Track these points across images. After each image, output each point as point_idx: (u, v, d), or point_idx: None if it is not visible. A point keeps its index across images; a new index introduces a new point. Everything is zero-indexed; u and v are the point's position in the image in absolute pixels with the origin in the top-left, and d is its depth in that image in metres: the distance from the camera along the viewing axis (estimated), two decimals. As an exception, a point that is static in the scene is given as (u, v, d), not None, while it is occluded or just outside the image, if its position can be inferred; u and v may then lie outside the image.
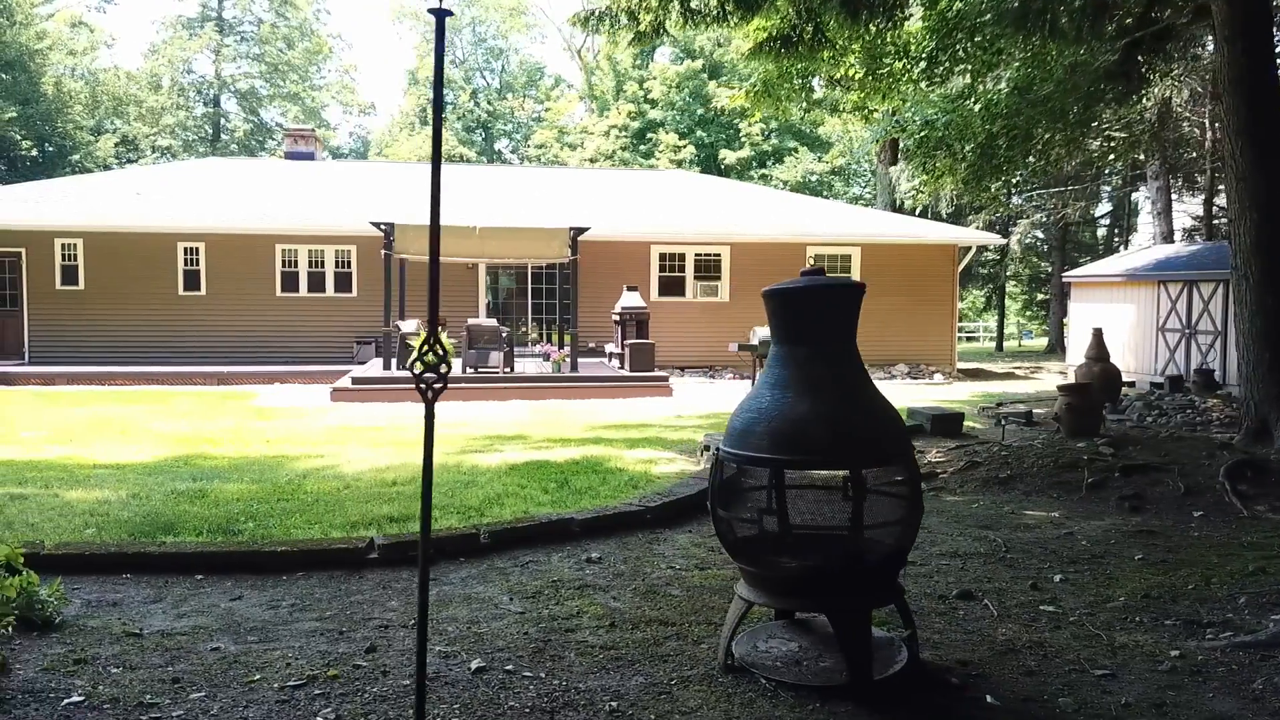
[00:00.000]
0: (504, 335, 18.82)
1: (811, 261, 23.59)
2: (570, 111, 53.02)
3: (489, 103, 53.21)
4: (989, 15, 13.39)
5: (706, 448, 8.87)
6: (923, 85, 15.32)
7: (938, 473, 8.31)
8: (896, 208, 31.56)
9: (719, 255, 23.27)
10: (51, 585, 4.49)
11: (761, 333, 19.16)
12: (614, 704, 3.58)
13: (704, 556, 5.74)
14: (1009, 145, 15.53)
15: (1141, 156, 24.38)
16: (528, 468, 8.36)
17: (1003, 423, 12.63)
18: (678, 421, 12.57)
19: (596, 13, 10.68)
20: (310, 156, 27.46)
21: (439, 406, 11.80)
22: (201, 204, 22.53)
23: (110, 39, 46.78)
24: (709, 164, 46.89)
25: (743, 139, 45.65)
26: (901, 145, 19.48)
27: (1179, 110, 23.45)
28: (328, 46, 52.14)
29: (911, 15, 12.28)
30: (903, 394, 18.00)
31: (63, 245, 21.21)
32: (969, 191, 17.38)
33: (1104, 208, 38.20)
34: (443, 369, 2.90)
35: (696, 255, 23.26)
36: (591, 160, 45.84)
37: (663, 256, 23.15)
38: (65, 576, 4.86)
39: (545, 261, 19.96)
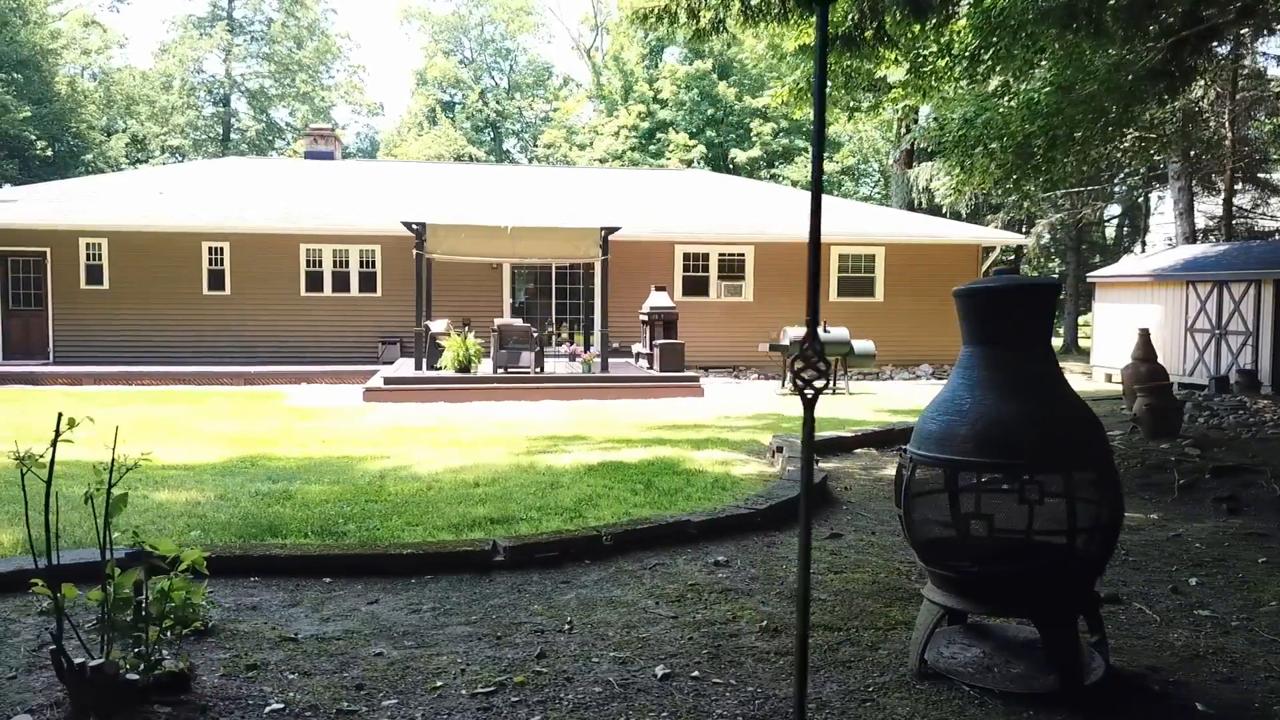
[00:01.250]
0: (535, 335, 18.75)
1: (837, 262, 23.57)
2: (578, 111, 52.94)
3: (498, 102, 53.09)
4: (1031, 14, 13.33)
5: (779, 449, 8.79)
6: (963, 84, 15.30)
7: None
8: (913, 208, 31.52)
9: (743, 255, 23.22)
10: (199, 589, 4.41)
11: (793, 333, 19.13)
12: (822, 713, 3.50)
13: (830, 560, 5.67)
14: (1049, 144, 15.50)
15: (1158, 156, 24.37)
16: (604, 469, 8.27)
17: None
18: (728, 422, 12.49)
19: (656, 10, 10.58)
20: (330, 156, 27.34)
21: (470, 405, 11.91)
22: (225, 203, 22.41)
23: (123, 38, 46.54)
24: (719, 164, 46.82)
25: (753, 139, 45.60)
26: (938, 144, 19.42)
27: (1204, 109, 23.45)
28: (336, 46, 51.99)
29: (958, 14, 12.23)
30: (929, 396, 17.97)
31: (88, 245, 21.06)
32: (1004, 192, 17.38)
33: (1114, 208, 38.22)
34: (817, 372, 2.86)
35: (720, 255, 23.21)
36: (601, 160, 45.77)
37: (686, 256, 23.10)
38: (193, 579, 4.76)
39: (576, 261, 19.85)
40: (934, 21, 10.58)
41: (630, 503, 6.87)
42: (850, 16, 10.41)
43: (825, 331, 19.04)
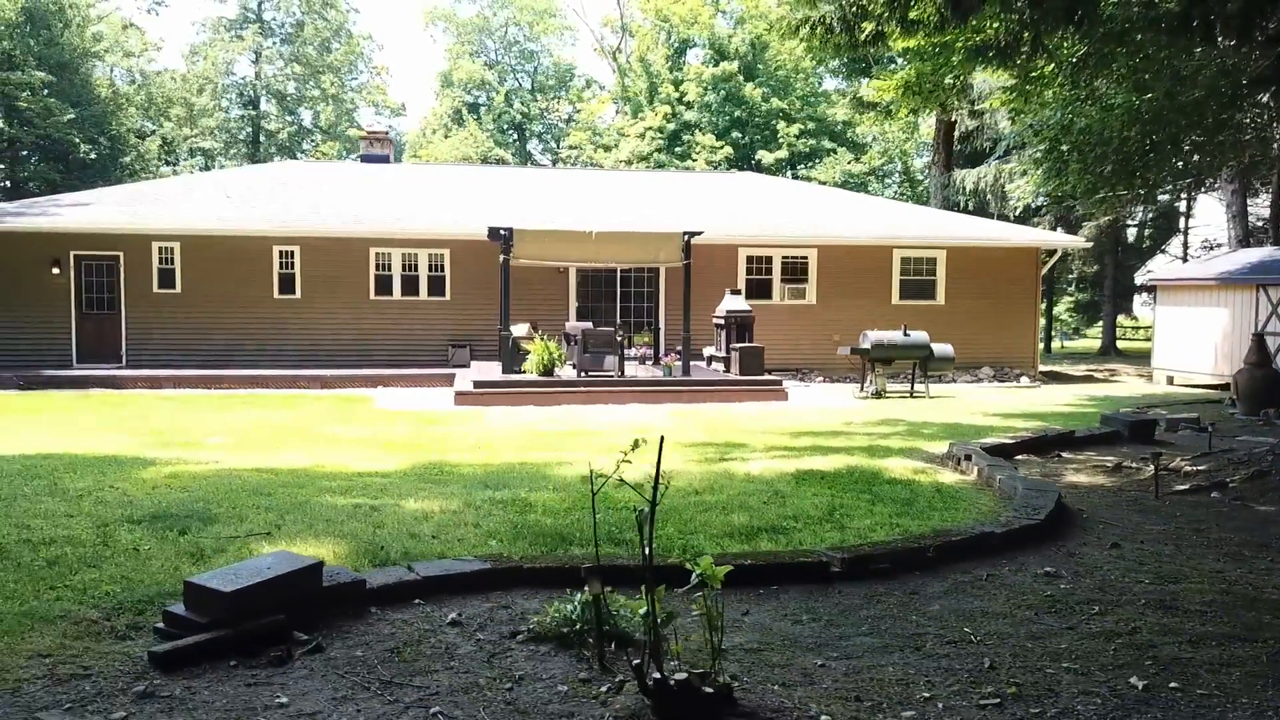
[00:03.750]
0: (619, 340, 18.84)
1: (899, 264, 23.67)
2: (602, 113, 53.04)
3: (523, 104, 53.16)
4: (1141, 21, 13.47)
5: (966, 457, 8.90)
6: (1065, 91, 15.43)
7: (1226, 482, 8.37)
8: (957, 210, 31.66)
9: (806, 258, 23.33)
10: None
11: (873, 336, 19.25)
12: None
13: (1155, 568, 5.76)
14: (1152, 150, 15.67)
15: (1245, 160, 24.54)
16: (808, 478, 8.34)
17: (1178, 429, 12.68)
18: (850, 428, 12.54)
19: (810, 21, 10.70)
20: (386, 159, 27.38)
21: (563, 409, 12.07)
22: (294, 208, 22.45)
23: (160, 41, 46.47)
24: (745, 165, 46.96)
25: (779, 140, 45.74)
26: (1030, 150, 19.59)
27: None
28: (360, 49, 51.98)
29: (1102, 22, 12.35)
30: (1008, 399, 18.07)
31: (160, 248, 21.09)
32: (1094, 197, 17.54)
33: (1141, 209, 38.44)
34: None
35: (783, 258, 23.32)
36: (627, 162, 45.87)
37: (750, 259, 23.20)
38: (550, 590, 4.85)
39: (658, 265, 19.92)
40: (1085, 30, 10.68)
41: (878, 513, 6.93)
42: (1004, 29, 10.55)
43: (906, 335, 19.18)
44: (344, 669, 3.92)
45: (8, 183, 35.07)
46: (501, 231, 18.03)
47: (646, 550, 3.82)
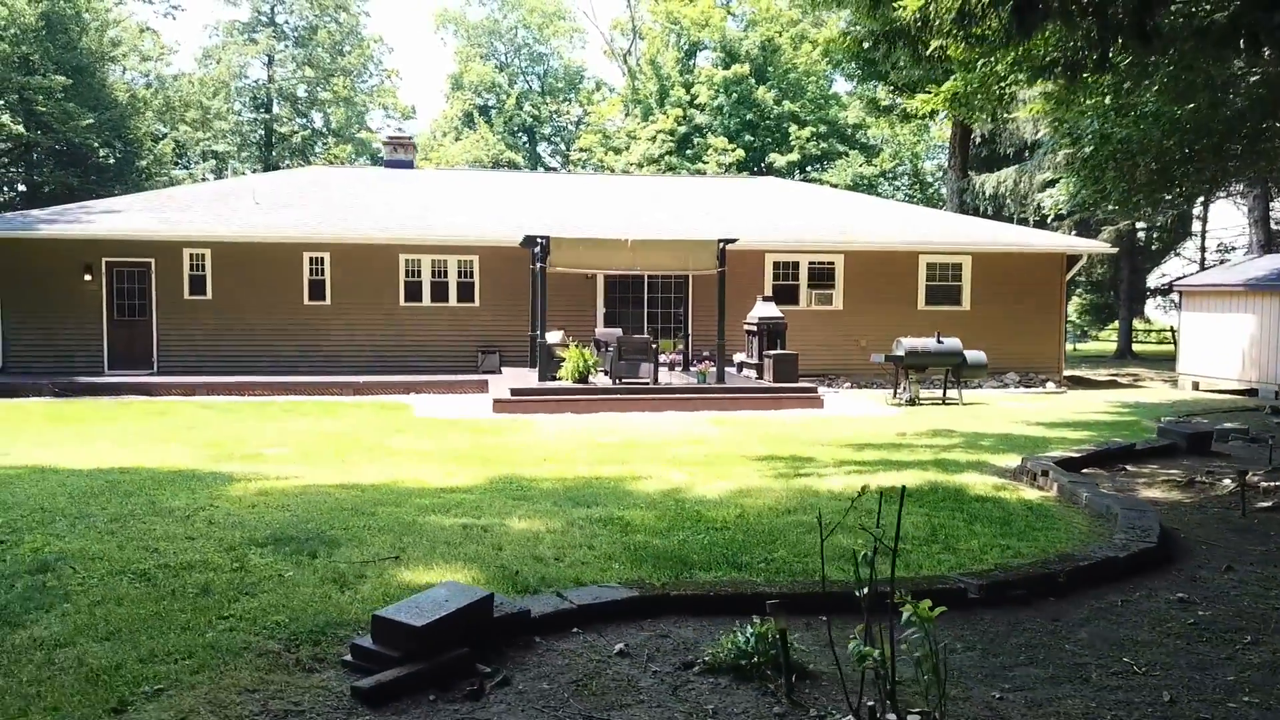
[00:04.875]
0: (653, 347, 18.90)
1: (925, 270, 23.73)
2: (612, 115, 53.07)
3: (533, 106, 53.20)
4: (1187, 32, 13.55)
5: (1044, 473, 8.96)
6: (1107, 99, 15.50)
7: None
8: (976, 214, 31.74)
9: (833, 263, 23.39)
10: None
11: (907, 343, 19.33)
12: None
13: None
14: (1193, 159, 15.77)
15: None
16: (896, 496, 8.33)
17: (1228, 439, 12.77)
18: (931, 441, 12.52)
19: (877, 35, 10.76)
20: (410, 165, 27.40)
21: (604, 416, 12.13)
22: (324, 214, 22.47)
23: (176, 44, 46.50)
24: (757, 168, 47.05)
25: (792, 142, 45.82)
26: (1060, 154, 19.65)
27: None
28: (370, 52, 51.97)
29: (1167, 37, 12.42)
30: (1042, 406, 18.12)
31: (192, 255, 21.11)
32: (1130, 205, 17.65)
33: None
34: None
35: (810, 263, 23.38)
36: (639, 165, 45.91)
37: (777, 265, 23.26)
38: (698, 618, 4.90)
39: (694, 272, 19.97)
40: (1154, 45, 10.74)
41: (981, 534, 6.95)
42: (1069, 45, 10.61)
43: (939, 343, 19.26)
44: (538, 703, 3.97)
45: (23, 186, 35.03)
46: (539, 240, 18.06)
47: (865, 590, 3.86)
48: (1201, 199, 29.12)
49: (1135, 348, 35.75)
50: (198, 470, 9.64)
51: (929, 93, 15.00)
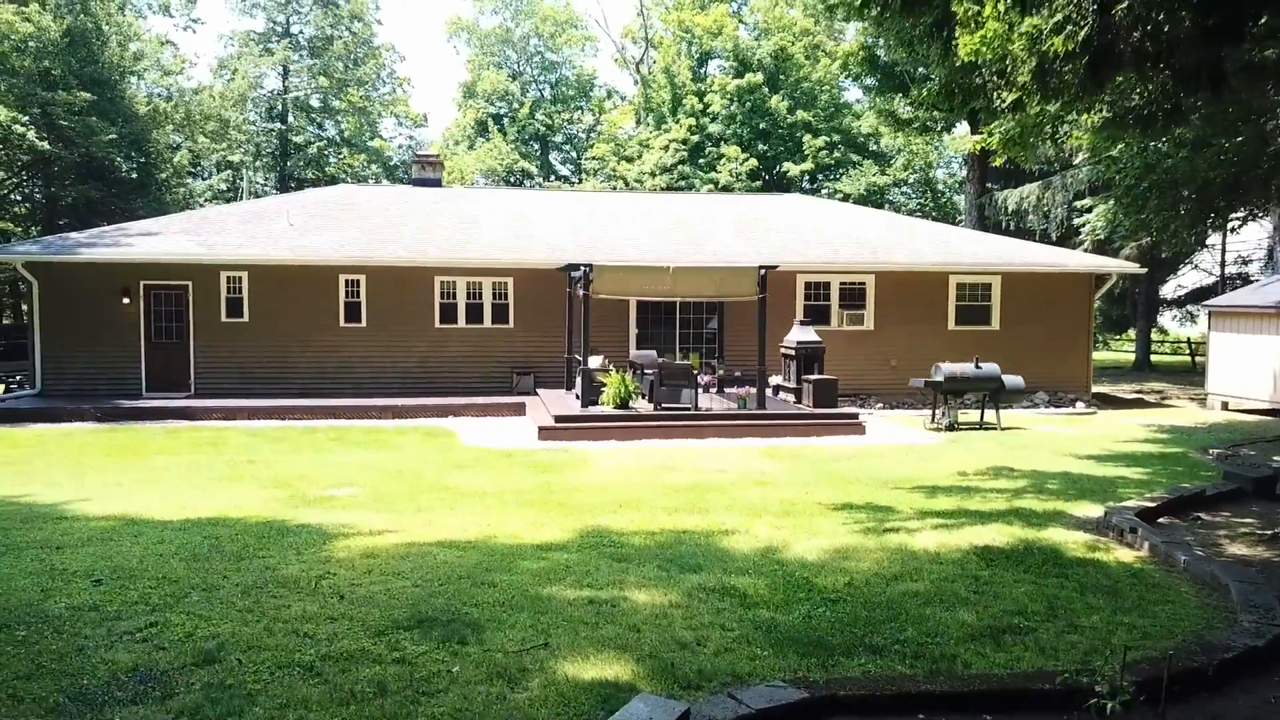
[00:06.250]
0: (694, 373, 18.99)
1: (955, 290, 23.84)
2: (624, 124, 53.17)
3: (546, 115, 53.27)
4: (1232, 66, 13.69)
5: (1133, 530, 9.06)
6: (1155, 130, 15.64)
7: None
8: (999, 230, 31.90)
9: (863, 283, 23.52)
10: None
11: (946, 369, 19.43)
12: None
13: None
14: (1239, 188, 15.94)
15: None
16: (995, 559, 8.17)
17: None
18: (995, 483, 12.51)
19: (948, 86, 10.88)
20: (437, 182, 27.48)
21: (647, 444, 12.41)
22: (357, 235, 22.54)
23: (195, 56, 46.50)
24: (770, 176, 47.20)
25: (805, 152, 45.94)
26: (1094, 173, 19.80)
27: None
28: (383, 60, 52.00)
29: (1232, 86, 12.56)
30: (1082, 433, 18.10)
31: (229, 278, 21.18)
32: (1170, 232, 17.82)
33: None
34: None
35: (841, 283, 23.51)
36: (651, 174, 46.00)
37: (808, 285, 23.39)
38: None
39: (734, 299, 20.06)
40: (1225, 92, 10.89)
41: (1096, 607, 6.81)
42: (1141, 96, 10.74)
43: (978, 368, 19.38)
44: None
45: (42, 198, 35.02)
46: (583, 268, 18.16)
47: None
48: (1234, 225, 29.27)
49: (1152, 358, 35.96)
50: (285, 521, 9.72)
51: (980, 133, 15.14)
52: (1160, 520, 10.19)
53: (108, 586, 7.17)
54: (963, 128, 36.41)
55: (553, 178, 53.14)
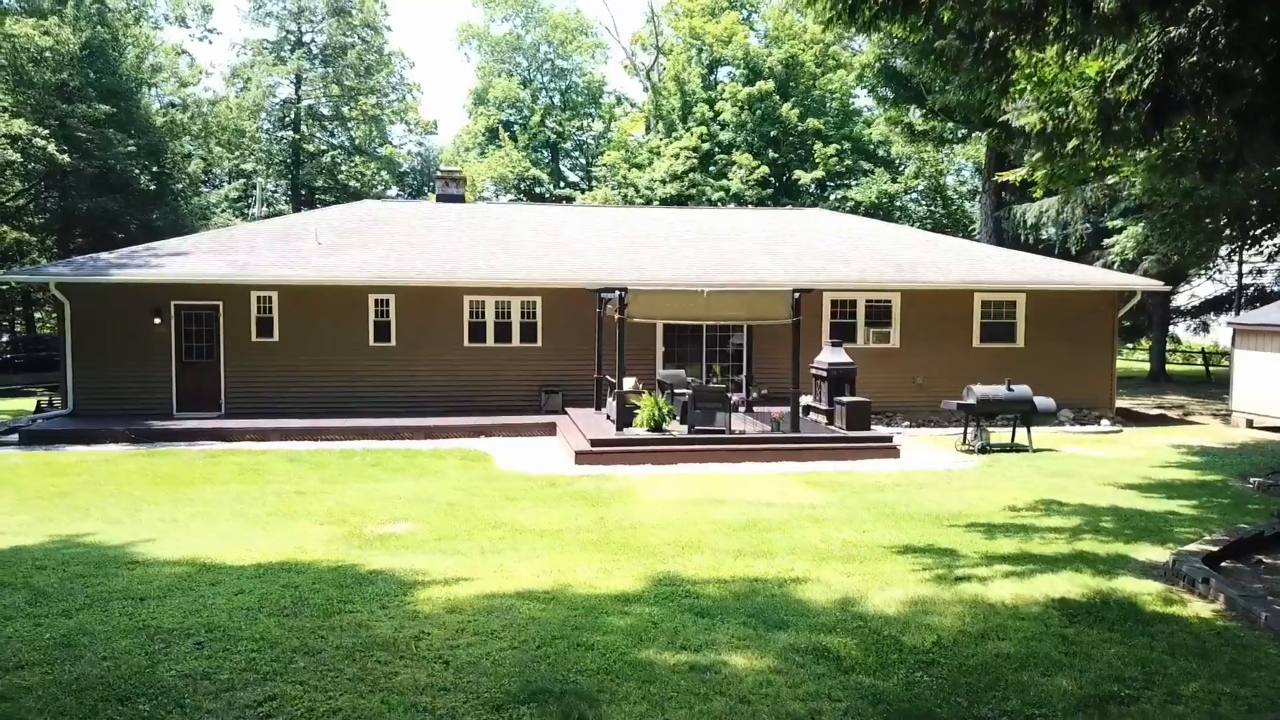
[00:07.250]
0: (729, 396, 19.06)
1: (980, 307, 23.91)
2: (634, 131, 53.24)
3: (557, 123, 53.34)
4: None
5: (1205, 580, 9.13)
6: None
7: None
8: (1019, 245, 31.98)
9: (889, 301, 23.59)
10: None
11: (979, 391, 19.49)
12: None
13: None
14: (1269, 213, 16.04)
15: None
16: (1075, 613, 8.13)
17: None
18: (1049, 520, 12.59)
19: (1010, 126, 10.96)
20: (460, 199, 27.52)
21: (684, 468, 13.32)
22: (384, 255, 22.57)
23: (211, 66, 46.52)
24: (781, 184, 47.26)
25: (816, 159, 46.02)
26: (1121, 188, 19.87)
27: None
28: (393, 66, 52.03)
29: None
30: (1114, 454, 18.10)
31: (259, 298, 21.21)
32: (1205, 256, 17.95)
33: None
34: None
35: (868, 301, 23.58)
36: (662, 182, 46.05)
37: (834, 303, 23.45)
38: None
39: (767, 322, 20.10)
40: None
41: (1193, 673, 6.70)
42: (1204, 143, 10.81)
43: (1010, 390, 19.45)
44: None
45: (59, 209, 34.99)
46: (617, 291, 18.22)
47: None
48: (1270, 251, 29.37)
49: (1166, 368, 36.07)
50: (356, 567, 9.78)
51: (1017, 165, 15.25)
52: (1224, 564, 10.26)
53: (210, 650, 7.21)
54: (976, 141, 36.49)
55: (563, 185, 53.18)
